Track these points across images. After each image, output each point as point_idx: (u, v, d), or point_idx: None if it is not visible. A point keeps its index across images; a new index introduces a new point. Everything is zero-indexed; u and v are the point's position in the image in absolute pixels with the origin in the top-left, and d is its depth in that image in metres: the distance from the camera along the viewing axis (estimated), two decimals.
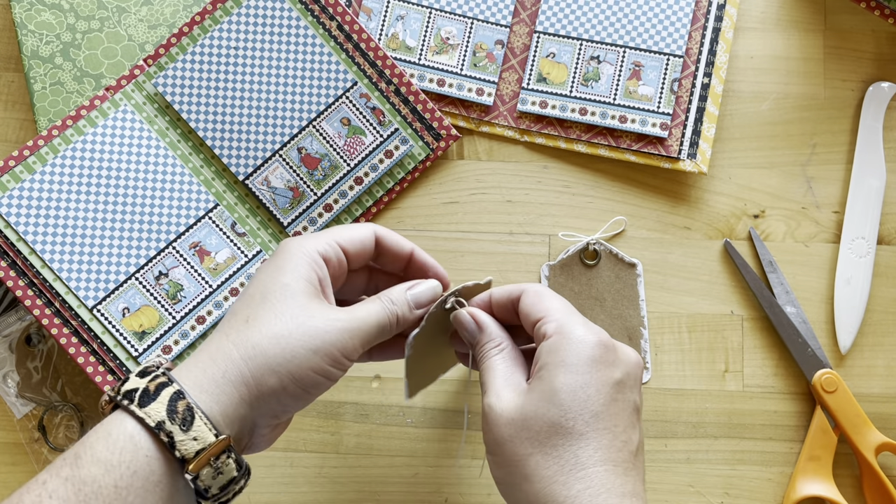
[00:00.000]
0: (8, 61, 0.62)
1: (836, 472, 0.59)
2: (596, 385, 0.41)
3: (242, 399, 0.40)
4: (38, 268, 0.57)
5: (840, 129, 0.63)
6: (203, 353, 0.41)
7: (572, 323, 0.43)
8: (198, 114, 0.59)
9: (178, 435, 0.38)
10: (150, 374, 0.40)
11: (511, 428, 0.41)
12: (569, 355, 0.41)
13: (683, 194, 0.63)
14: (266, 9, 0.60)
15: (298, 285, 0.42)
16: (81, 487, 0.37)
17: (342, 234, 0.46)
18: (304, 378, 0.41)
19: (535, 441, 0.40)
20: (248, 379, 0.40)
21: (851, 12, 0.64)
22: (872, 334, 0.61)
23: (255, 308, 0.42)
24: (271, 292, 0.42)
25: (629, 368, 0.43)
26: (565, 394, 0.40)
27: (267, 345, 0.40)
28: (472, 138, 0.63)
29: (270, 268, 0.44)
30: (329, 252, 0.44)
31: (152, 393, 0.39)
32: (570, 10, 0.62)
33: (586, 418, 0.40)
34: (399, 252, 0.48)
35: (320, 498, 0.59)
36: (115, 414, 0.39)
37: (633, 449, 0.41)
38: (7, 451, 0.59)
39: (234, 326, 0.41)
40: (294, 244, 0.44)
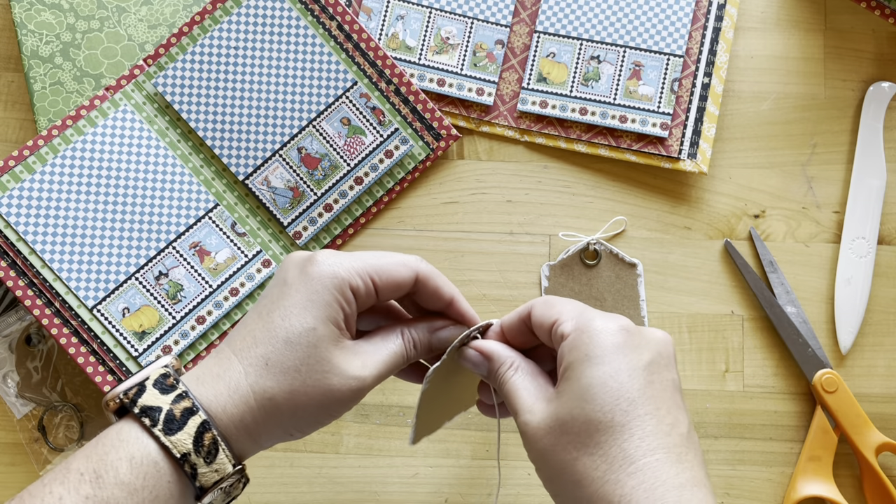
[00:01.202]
0: (8, 61, 0.62)
1: (836, 472, 0.59)
2: (627, 371, 0.38)
3: (252, 439, 0.41)
4: (38, 268, 0.57)
5: (840, 129, 0.63)
6: (221, 381, 0.40)
7: (588, 316, 0.41)
8: (198, 114, 0.59)
9: (201, 467, 0.38)
10: (171, 389, 0.39)
11: (551, 437, 0.39)
12: (592, 348, 0.39)
13: (684, 194, 0.63)
14: (266, 9, 0.60)
15: (323, 330, 0.41)
16: None
17: (381, 270, 0.43)
18: (305, 427, 0.42)
19: (577, 443, 0.38)
20: (259, 426, 0.41)
21: (852, 12, 0.64)
22: (873, 334, 0.61)
23: (276, 349, 0.40)
24: (295, 336, 0.40)
25: (659, 347, 0.40)
26: (596, 387, 0.38)
27: (281, 400, 0.40)
28: (472, 138, 0.63)
29: (299, 295, 0.41)
30: (361, 287, 0.42)
31: (178, 419, 0.38)
32: (571, 10, 0.62)
33: (624, 407, 0.38)
34: (436, 298, 0.45)
35: (320, 498, 0.59)
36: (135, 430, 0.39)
37: (682, 431, 0.38)
38: (7, 451, 0.59)
39: (254, 365, 0.40)
40: (328, 270, 0.41)
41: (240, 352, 0.41)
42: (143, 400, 0.39)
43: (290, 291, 0.41)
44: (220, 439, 0.39)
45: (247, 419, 0.40)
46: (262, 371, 0.40)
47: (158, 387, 0.39)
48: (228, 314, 0.59)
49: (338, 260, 0.42)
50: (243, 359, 0.41)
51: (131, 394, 0.39)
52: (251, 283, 0.59)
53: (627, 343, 0.39)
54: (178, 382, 0.40)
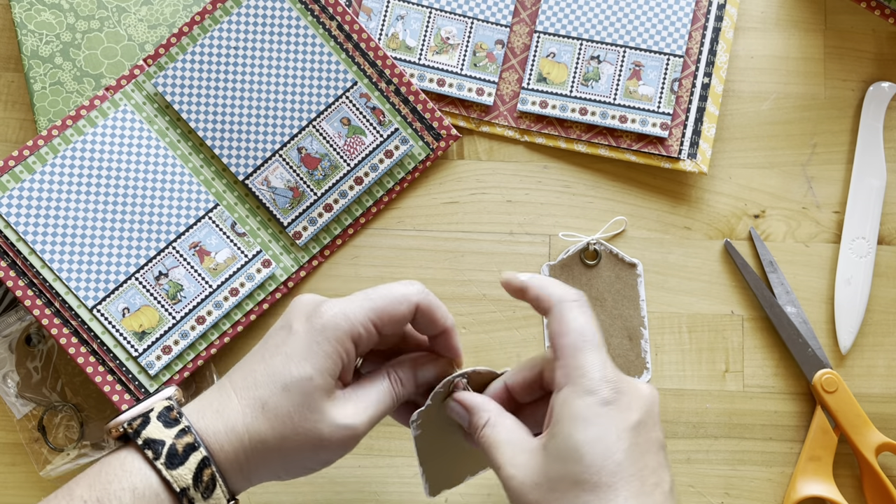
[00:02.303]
0: (8, 61, 0.62)
1: (836, 472, 0.59)
2: (615, 433, 0.39)
3: (241, 475, 0.43)
4: (37, 268, 0.57)
5: (840, 129, 0.63)
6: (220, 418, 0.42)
7: (584, 369, 0.41)
8: (198, 114, 0.59)
9: (198, 501, 0.40)
10: (174, 424, 0.41)
11: (537, 492, 0.40)
12: (581, 407, 0.40)
13: (683, 194, 0.63)
14: (266, 9, 0.60)
15: (320, 380, 0.42)
16: None
17: (382, 313, 0.44)
18: (293, 471, 0.44)
19: (564, 501, 0.39)
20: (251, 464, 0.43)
21: (851, 12, 0.64)
22: (873, 334, 0.61)
23: (274, 394, 0.42)
24: (293, 382, 0.42)
25: (646, 407, 0.41)
26: (585, 448, 0.39)
27: (273, 443, 0.42)
28: (472, 138, 0.63)
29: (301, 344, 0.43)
30: (363, 334, 0.44)
31: (180, 454, 0.40)
32: (571, 10, 0.62)
33: (611, 469, 0.39)
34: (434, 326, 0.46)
35: (320, 498, 0.59)
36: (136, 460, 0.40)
37: (665, 489, 0.40)
38: (7, 451, 0.59)
39: (252, 405, 0.42)
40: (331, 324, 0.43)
41: (240, 391, 0.43)
42: (146, 432, 0.41)
43: (294, 339, 0.43)
44: (218, 476, 0.41)
45: (240, 458, 0.42)
46: (258, 414, 0.42)
47: (162, 420, 0.41)
48: (228, 314, 0.59)
49: (342, 310, 0.43)
50: (242, 399, 0.42)
51: (136, 424, 0.41)
52: (251, 284, 0.59)
53: (617, 404, 0.40)
54: (182, 417, 0.42)
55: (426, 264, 0.62)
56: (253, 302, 0.60)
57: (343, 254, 0.62)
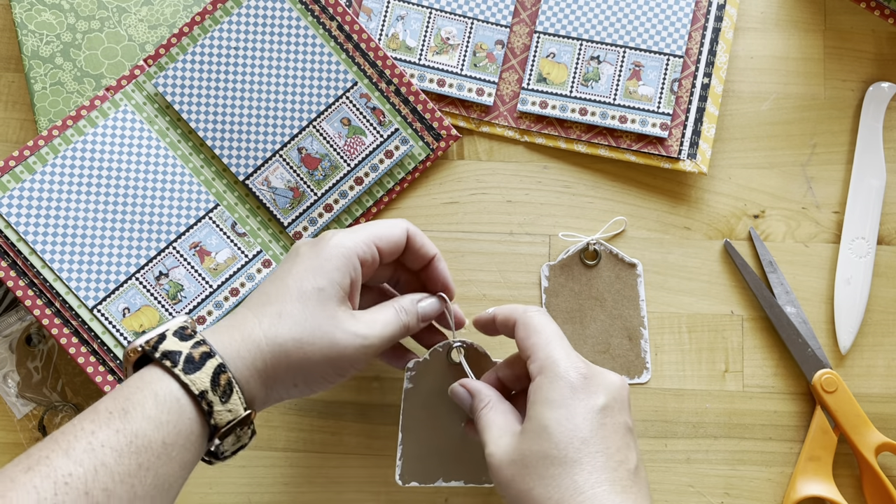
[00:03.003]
0: (8, 61, 0.62)
1: (836, 472, 0.59)
2: (581, 413, 0.43)
3: (262, 384, 0.45)
4: (38, 268, 0.57)
5: (840, 129, 0.63)
6: (235, 330, 0.44)
7: (553, 359, 0.45)
8: (198, 114, 0.59)
9: (216, 405, 0.42)
10: (190, 337, 0.43)
11: (513, 468, 0.44)
12: (552, 391, 0.44)
13: (683, 194, 0.63)
14: (266, 9, 0.60)
15: (332, 290, 0.46)
16: (133, 440, 0.39)
17: (380, 234, 0.49)
18: (313, 381, 0.46)
19: (534, 475, 0.43)
20: (269, 370, 0.44)
21: (851, 12, 0.64)
22: (872, 334, 0.61)
23: (289, 304, 0.45)
24: (306, 293, 0.45)
25: (612, 392, 0.45)
26: (553, 427, 0.43)
27: (291, 347, 0.44)
28: (472, 138, 0.63)
29: (310, 262, 0.47)
30: (367, 254, 0.48)
31: (196, 361, 0.42)
32: (570, 10, 0.62)
33: (576, 445, 0.42)
34: (422, 255, 0.51)
35: (320, 498, 0.59)
36: (157, 372, 0.42)
37: (630, 468, 0.43)
38: (7, 451, 0.59)
39: (268, 316, 0.45)
40: (337, 243, 0.47)
41: (254, 307, 0.46)
42: (163, 346, 0.43)
43: (303, 260, 0.47)
44: (234, 381, 0.43)
45: (258, 363, 0.44)
46: (274, 321, 0.45)
47: (178, 335, 0.43)
48: (229, 314, 0.59)
49: (344, 235, 0.48)
50: (257, 313, 0.45)
51: (152, 342, 0.43)
52: (251, 284, 0.59)
53: (583, 388, 0.44)
54: (196, 333, 0.44)
55: None
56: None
57: None
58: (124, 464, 0.39)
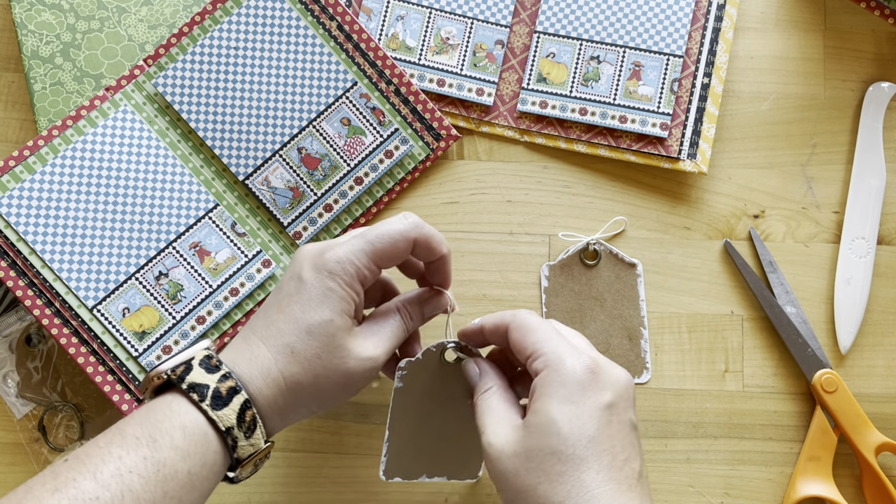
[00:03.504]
0: (8, 61, 0.62)
1: (836, 472, 0.59)
2: (588, 411, 0.43)
3: (279, 416, 0.46)
4: (38, 268, 0.57)
5: (840, 129, 0.63)
6: (255, 366, 0.45)
7: (559, 354, 0.44)
8: (198, 114, 0.59)
9: (241, 441, 0.44)
10: (216, 370, 0.44)
11: (516, 460, 0.43)
12: (559, 387, 0.43)
13: (683, 194, 0.63)
14: (266, 9, 0.60)
15: (340, 321, 0.46)
16: (160, 468, 0.40)
17: (383, 253, 0.48)
18: (325, 405, 0.48)
19: (539, 472, 0.42)
20: (288, 405, 0.46)
21: (851, 12, 0.64)
22: (872, 334, 0.61)
23: (300, 341, 0.46)
24: (315, 327, 0.46)
25: (619, 390, 0.44)
26: (561, 423, 0.42)
27: (307, 383, 0.46)
28: (472, 138, 0.63)
29: (316, 292, 0.46)
30: (368, 276, 0.48)
31: (224, 396, 0.43)
32: (570, 10, 0.62)
33: (584, 443, 0.42)
34: (430, 255, 0.51)
35: (320, 498, 0.59)
36: (184, 404, 0.43)
37: (635, 466, 0.43)
38: (7, 451, 0.59)
39: (282, 353, 0.46)
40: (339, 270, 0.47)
41: (266, 340, 0.46)
42: (190, 377, 0.44)
43: (307, 287, 0.47)
44: (258, 417, 0.44)
45: (279, 401, 0.45)
46: (289, 359, 0.45)
47: (204, 366, 0.44)
48: (228, 314, 0.59)
49: (346, 256, 0.47)
50: (271, 347, 0.46)
51: (179, 371, 0.44)
52: (251, 284, 0.59)
53: (591, 384, 0.44)
54: (222, 364, 0.45)
55: None
56: (253, 302, 0.60)
57: None
58: (150, 490, 0.40)
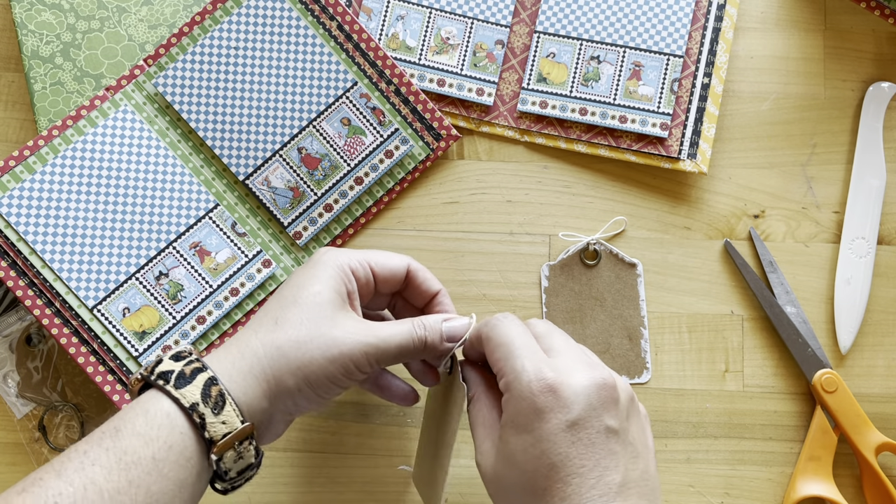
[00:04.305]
0: (8, 61, 0.62)
1: (836, 472, 0.59)
2: (548, 438, 0.40)
3: (264, 394, 0.43)
4: (38, 268, 0.57)
5: (840, 129, 0.63)
6: (233, 346, 0.44)
7: (516, 374, 0.42)
8: (198, 114, 0.59)
9: (209, 417, 0.41)
10: (184, 358, 0.43)
11: (492, 486, 0.43)
12: (516, 415, 0.41)
13: (683, 194, 0.63)
14: (266, 9, 0.60)
15: (328, 294, 0.45)
16: (122, 457, 0.39)
17: (376, 258, 0.49)
18: (317, 382, 0.44)
19: (507, 500, 0.42)
20: (269, 377, 0.43)
21: (851, 12, 0.64)
22: (872, 334, 0.61)
23: (285, 310, 0.45)
24: (302, 298, 0.45)
25: (587, 400, 0.41)
26: (519, 455, 0.41)
27: (288, 348, 0.43)
28: (472, 138, 0.63)
29: (305, 274, 0.47)
30: (359, 270, 0.47)
31: (188, 376, 0.42)
32: (570, 10, 0.62)
33: (544, 473, 0.40)
34: (424, 290, 0.50)
35: (320, 498, 0.59)
36: (151, 393, 0.42)
37: (613, 478, 0.40)
38: (7, 451, 0.59)
39: (264, 325, 0.45)
40: (330, 255, 0.47)
41: (253, 323, 0.46)
42: (159, 368, 0.43)
43: (298, 273, 0.47)
44: (226, 392, 0.42)
45: (255, 371, 0.43)
46: (271, 327, 0.44)
47: (173, 358, 0.44)
48: (229, 314, 0.59)
49: (338, 250, 0.48)
50: (255, 326, 0.45)
51: (150, 366, 0.43)
52: (251, 283, 0.59)
53: (552, 406, 0.40)
54: (191, 354, 0.44)
55: (426, 264, 0.61)
56: (253, 302, 0.60)
57: None
58: (114, 480, 0.39)
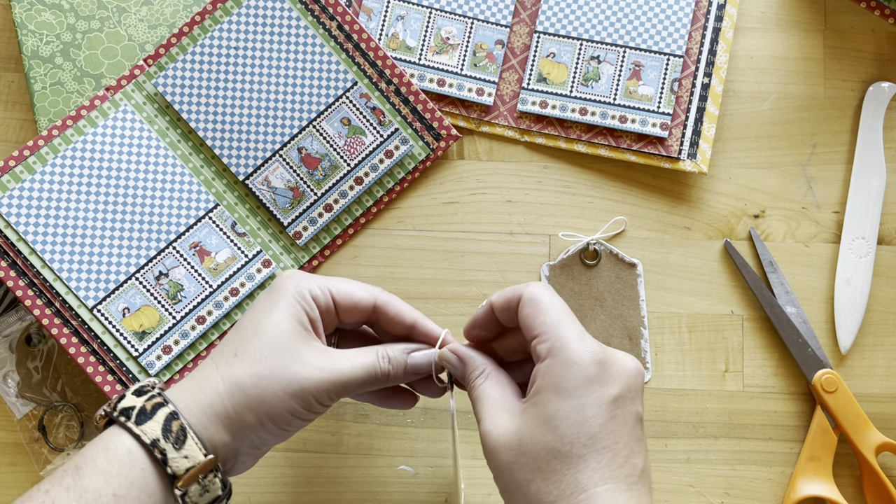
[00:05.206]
0: (8, 61, 0.62)
1: (836, 472, 0.59)
2: (592, 406, 0.40)
3: (225, 429, 0.43)
4: (38, 268, 0.57)
5: (840, 129, 0.63)
6: (195, 379, 0.44)
7: (565, 340, 0.41)
8: (198, 114, 0.59)
9: (170, 452, 0.41)
10: (146, 393, 0.43)
11: (510, 454, 0.41)
12: (563, 379, 0.40)
13: (683, 194, 0.63)
14: (266, 9, 0.60)
15: (288, 324, 0.44)
16: (83, 495, 0.39)
17: (340, 286, 0.47)
18: (278, 417, 0.43)
19: (533, 467, 0.40)
20: (230, 413, 0.43)
21: (851, 12, 0.64)
22: (872, 334, 0.61)
23: (245, 343, 0.44)
24: (262, 329, 0.44)
25: (627, 381, 0.41)
26: (560, 419, 0.40)
27: (248, 383, 0.43)
28: (473, 138, 0.63)
29: (265, 302, 0.45)
30: (320, 297, 0.46)
31: (149, 412, 0.41)
32: (571, 10, 0.62)
33: (584, 441, 0.39)
34: (398, 323, 0.48)
35: (320, 498, 0.59)
36: (113, 429, 0.42)
37: (637, 462, 0.40)
38: (7, 451, 0.59)
39: (224, 358, 0.44)
40: (290, 282, 0.46)
41: (214, 354, 0.45)
42: (121, 404, 0.42)
43: (258, 303, 0.46)
44: (188, 426, 0.41)
45: (216, 406, 0.42)
46: (231, 361, 0.44)
47: (135, 392, 0.43)
48: (229, 314, 0.59)
49: (299, 275, 0.47)
50: (216, 358, 0.44)
51: (113, 403, 0.43)
52: (251, 283, 0.59)
53: (597, 377, 0.41)
54: (154, 388, 0.43)
55: (426, 264, 0.62)
56: (253, 302, 0.60)
57: (343, 254, 0.62)
58: None
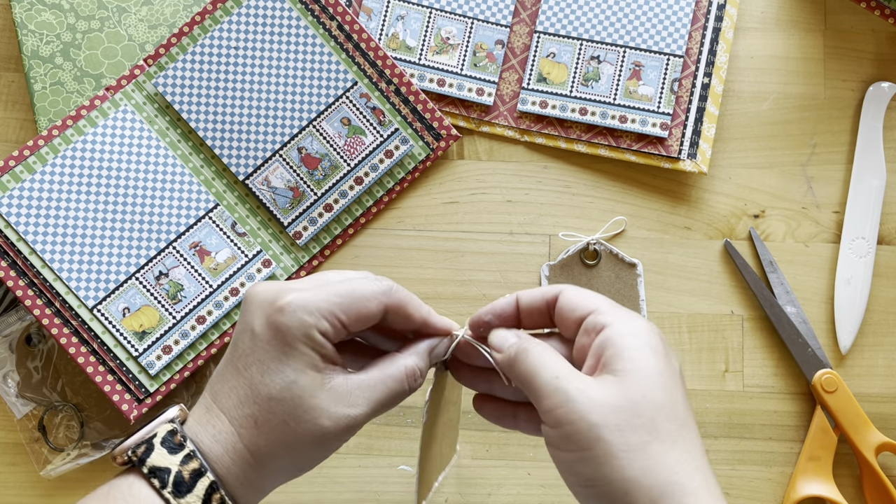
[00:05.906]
0: (8, 61, 0.62)
1: (836, 472, 0.59)
2: (677, 369, 0.39)
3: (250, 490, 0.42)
4: (38, 268, 0.57)
5: (840, 129, 0.63)
6: (218, 444, 0.41)
7: (628, 314, 0.40)
8: (198, 114, 0.59)
9: None
10: (178, 449, 0.40)
11: (616, 415, 0.36)
12: (651, 339, 0.38)
13: (683, 194, 0.63)
14: (266, 9, 0.60)
15: (304, 380, 0.40)
16: None
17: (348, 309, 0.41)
18: (308, 466, 0.42)
19: (650, 427, 0.36)
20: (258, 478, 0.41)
21: (851, 12, 0.64)
22: (872, 334, 0.61)
23: (263, 409, 0.40)
24: (278, 392, 0.40)
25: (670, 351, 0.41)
26: (667, 376, 0.37)
27: (279, 453, 0.41)
28: (473, 138, 0.63)
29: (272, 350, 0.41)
30: (329, 329, 0.41)
31: (187, 481, 0.39)
32: (571, 10, 0.62)
33: (683, 401, 0.38)
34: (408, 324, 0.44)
35: (320, 498, 0.59)
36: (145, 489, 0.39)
37: None
38: (7, 451, 0.59)
39: (245, 425, 0.41)
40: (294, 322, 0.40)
41: (228, 412, 0.41)
42: (151, 460, 0.39)
43: (262, 345, 0.41)
44: (227, 499, 0.40)
45: (250, 476, 0.41)
46: (253, 431, 0.40)
47: (167, 446, 0.40)
48: (228, 314, 0.59)
49: (302, 303, 0.40)
50: (234, 420, 0.41)
51: (140, 452, 0.40)
52: (251, 283, 0.59)
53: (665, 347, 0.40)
54: (186, 441, 0.40)
55: (426, 264, 0.62)
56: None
57: (343, 254, 0.62)
58: None
